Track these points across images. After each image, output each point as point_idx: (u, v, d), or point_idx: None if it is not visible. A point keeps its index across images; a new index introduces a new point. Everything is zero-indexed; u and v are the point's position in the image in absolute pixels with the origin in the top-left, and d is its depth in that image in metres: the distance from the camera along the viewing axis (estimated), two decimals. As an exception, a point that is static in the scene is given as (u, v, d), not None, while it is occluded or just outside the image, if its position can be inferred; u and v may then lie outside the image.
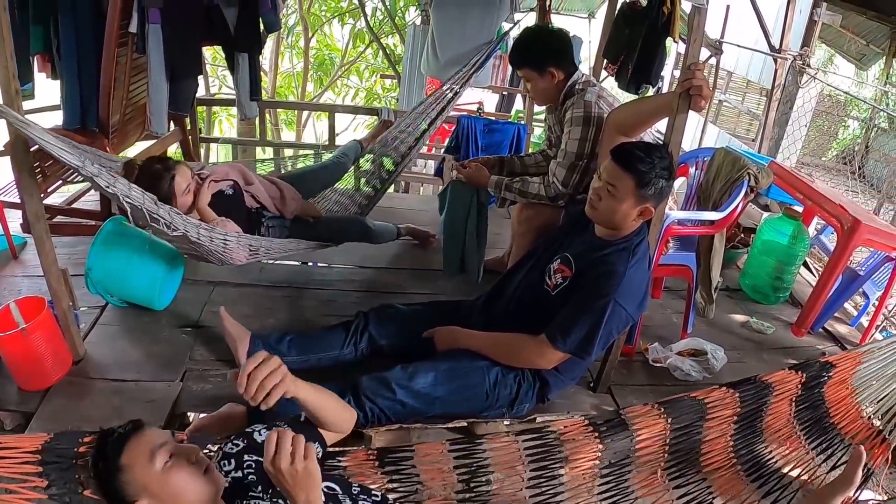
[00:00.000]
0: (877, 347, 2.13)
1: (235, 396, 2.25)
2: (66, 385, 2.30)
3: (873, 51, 6.20)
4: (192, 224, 2.32)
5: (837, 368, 2.10)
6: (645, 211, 2.15)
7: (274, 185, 3.15)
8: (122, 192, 2.03)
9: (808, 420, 2.06)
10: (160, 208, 2.14)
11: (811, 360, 2.15)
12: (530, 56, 2.77)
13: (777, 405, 2.04)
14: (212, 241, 2.41)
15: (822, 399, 2.08)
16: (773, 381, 2.05)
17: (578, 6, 9.73)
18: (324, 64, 10.51)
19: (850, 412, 2.05)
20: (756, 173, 2.99)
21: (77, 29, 3.05)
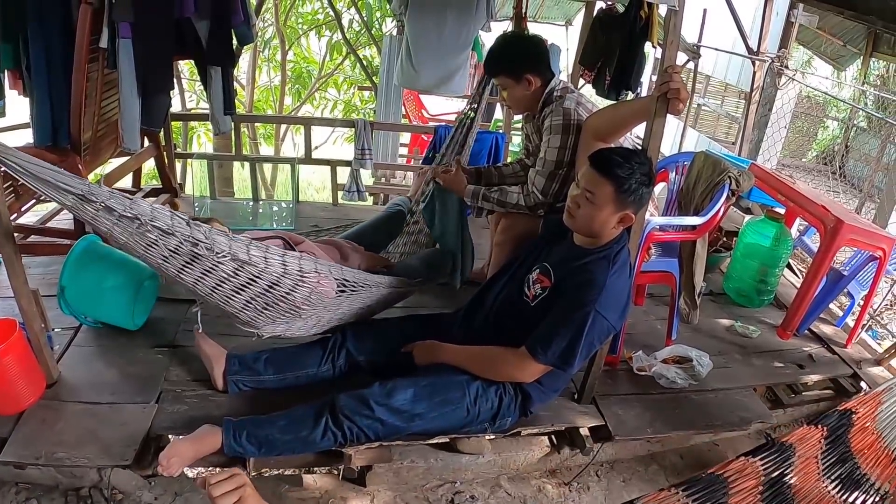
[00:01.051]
0: (894, 384, 2.08)
1: (212, 418, 2.21)
2: (40, 409, 2.24)
3: (850, 51, 6.23)
4: (240, 242, 1.90)
5: (858, 414, 2.05)
6: (625, 218, 2.12)
7: (329, 245, 2.86)
8: (144, 213, 1.70)
9: (839, 475, 1.98)
10: (195, 228, 1.79)
11: (829, 412, 2.09)
12: (506, 63, 2.74)
13: (803, 466, 1.96)
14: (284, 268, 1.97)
15: (849, 449, 2.01)
16: (793, 440, 1.98)
17: (555, 14, 9.78)
18: (301, 77, 10.45)
19: (881, 458, 1.99)
20: (737, 176, 2.98)
21: (46, 45, 2.99)
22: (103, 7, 2.90)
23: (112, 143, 3.59)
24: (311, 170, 5.03)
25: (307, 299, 2.13)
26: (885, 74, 9.79)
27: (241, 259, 1.86)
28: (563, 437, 2.53)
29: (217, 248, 1.80)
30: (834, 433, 2.02)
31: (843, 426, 2.03)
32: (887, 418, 2.05)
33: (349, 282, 2.26)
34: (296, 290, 2.06)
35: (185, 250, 1.81)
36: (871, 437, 2.03)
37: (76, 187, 1.63)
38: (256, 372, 2.38)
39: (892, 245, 3.22)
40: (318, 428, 2.07)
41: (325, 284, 2.14)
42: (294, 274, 1.99)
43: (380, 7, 8.60)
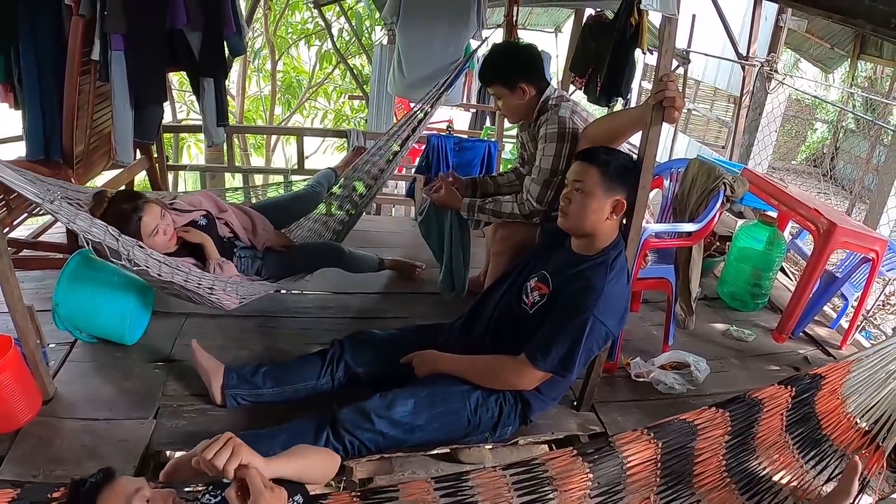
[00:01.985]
0: (865, 356, 2.13)
1: (211, 432, 2.19)
2: (37, 426, 2.22)
3: (838, 53, 6.29)
4: (154, 260, 2.27)
5: (827, 379, 2.10)
6: (618, 205, 2.15)
7: (246, 215, 3.10)
8: (83, 228, 1.99)
9: (800, 433, 2.04)
10: (120, 243, 2.10)
11: (800, 374, 2.14)
12: (500, 72, 2.75)
13: (768, 421, 2.02)
14: (186, 281, 2.36)
15: (813, 411, 2.07)
16: (762, 397, 2.04)
17: (545, 21, 9.82)
18: (291, 87, 10.47)
19: (842, 422, 2.04)
20: (731, 182, 2.99)
21: (38, 58, 2.99)
22: (95, 19, 2.90)
23: (104, 155, 3.58)
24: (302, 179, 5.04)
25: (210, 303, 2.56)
26: (872, 76, 9.87)
27: (152, 274, 2.25)
28: (563, 445, 2.51)
29: (134, 262, 2.16)
30: (801, 394, 2.08)
31: (811, 389, 2.09)
32: (853, 386, 2.10)
33: (247, 297, 2.68)
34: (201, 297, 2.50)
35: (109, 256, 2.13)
36: (835, 402, 2.08)
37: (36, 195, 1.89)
38: (255, 385, 2.37)
39: (885, 247, 3.24)
40: (319, 442, 2.05)
41: (227, 299, 2.55)
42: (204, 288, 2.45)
43: (369, 16, 8.62)
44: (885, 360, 2.07)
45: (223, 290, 2.53)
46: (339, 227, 3.54)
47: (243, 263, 2.92)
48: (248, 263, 2.95)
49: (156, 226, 2.56)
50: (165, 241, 2.61)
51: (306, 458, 1.60)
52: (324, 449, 1.87)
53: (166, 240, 2.62)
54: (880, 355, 2.08)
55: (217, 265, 2.70)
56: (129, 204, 2.55)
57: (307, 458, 1.61)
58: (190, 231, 2.75)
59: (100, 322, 2.64)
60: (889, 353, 2.07)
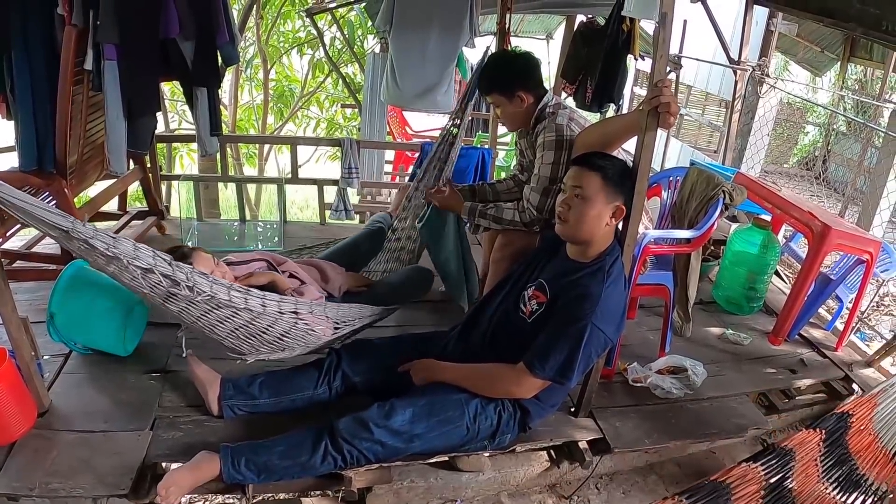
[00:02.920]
0: (889, 385, 2.11)
1: (208, 443, 2.19)
2: (32, 438, 2.20)
3: (828, 56, 6.32)
4: (221, 285, 1.98)
5: (854, 416, 2.08)
6: (617, 211, 2.15)
7: (310, 266, 2.94)
8: (127, 253, 1.77)
9: (838, 477, 2.01)
10: (176, 269, 1.86)
11: (826, 415, 2.11)
12: (498, 81, 2.77)
13: (803, 468, 1.99)
14: (265, 305, 2.08)
15: (847, 451, 2.03)
16: (792, 445, 2.01)
17: (536, 28, 9.84)
18: (283, 95, 10.43)
19: (879, 458, 2.01)
20: (731, 191, 3.01)
21: (31, 68, 2.98)
22: (88, 29, 2.89)
23: (98, 165, 3.56)
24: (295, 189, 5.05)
25: (302, 337, 2.30)
26: (862, 79, 9.92)
27: (220, 300, 1.97)
28: (561, 452, 2.52)
29: (198, 290, 1.89)
30: (832, 436, 2.04)
31: (840, 429, 2.06)
32: (883, 419, 2.07)
33: (342, 321, 2.44)
34: (290, 332, 2.24)
35: (165, 288, 1.88)
36: (868, 438, 2.05)
37: (61, 224, 1.68)
38: (252, 396, 2.35)
39: (878, 248, 3.26)
40: (318, 452, 2.05)
41: (320, 324, 2.34)
42: (288, 313, 2.16)
43: (362, 25, 8.62)
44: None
45: (310, 311, 2.28)
46: (411, 255, 3.41)
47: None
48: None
49: (211, 272, 2.34)
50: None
51: None
52: None
53: None
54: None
55: (293, 292, 2.53)
56: (175, 253, 2.22)
57: None
58: (254, 275, 2.57)
59: (95, 333, 2.63)
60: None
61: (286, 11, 9.38)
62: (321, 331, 2.37)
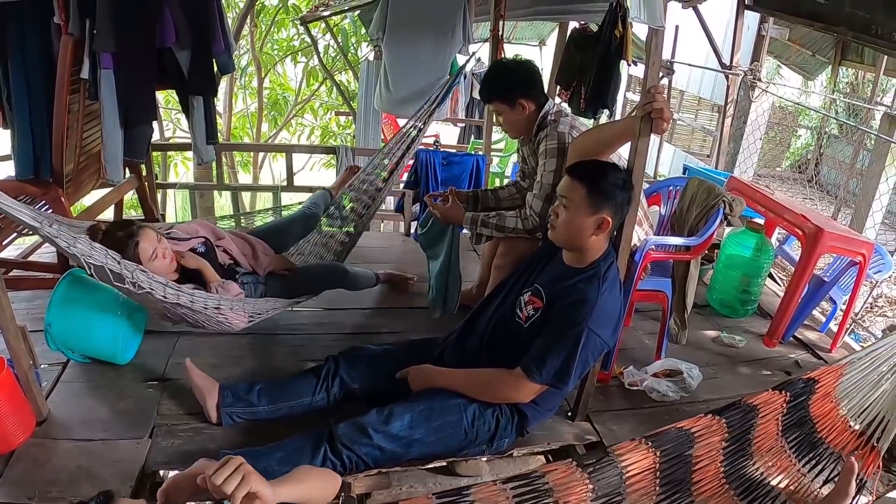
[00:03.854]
0: (856, 358, 2.14)
1: (207, 451, 2.19)
2: (31, 447, 2.20)
3: (820, 60, 6.36)
4: (158, 282, 2.26)
5: (820, 383, 2.11)
6: (602, 223, 2.14)
7: (245, 242, 3.09)
8: (83, 251, 1.99)
9: (796, 437, 2.05)
10: (124, 267, 2.10)
11: (794, 379, 2.15)
12: (499, 89, 2.78)
13: (764, 426, 2.03)
14: (192, 303, 2.36)
15: (808, 415, 2.08)
16: (758, 402, 2.04)
17: (529, 34, 9.89)
18: (278, 103, 10.47)
19: (837, 424, 2.05)
20: (731, 201, 3.03)
21: (27, 77, 2.99)
22: (84, 37, 2.90)
23: (94, 174, 3.57)
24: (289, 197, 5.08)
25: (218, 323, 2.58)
26: (854, 82, 9.98)
27: (156, 295, 2.25)
28: (559, 455, 2.52)
29: (139, 285, 2.17)
30: (796, 399, 2.08)
31: (805, 393, 2.10)
32: (846, 389, 2.11)
33: (256, 314, 2.70)
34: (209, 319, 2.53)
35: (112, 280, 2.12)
36: (829, 405, 2.09)
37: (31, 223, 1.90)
38: (250, 403, 2.36)
39: (871, 250, 3.28)
40: (317, 458, 2.05)
41: (237, 318, 2.59)
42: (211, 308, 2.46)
43: (355, 33, 8.65)
44: (876, 363, 2.08)
45: (230, 308, 2.53)
46: (340, 247, 3.50)
47: (247, 289, 2.88)
48: (251, 289, 2.93)
49: (154, 249, 2.54)
50: (166, 264, 2.59)
51: (310, 482, 1.60)
52: (325, 470, 1.87)
53: (166, 263, 2.60)
54: (871, 357, 2.10)
55: (218, 286, 2.68)
56: (124, 231, 2.53)
57: (310, 481, 1.61)
58: (186, 256, 2.73)
59: (92, 342, 2.63)
60: (880, 355, 2.09)
61: (280, 20, 9.42)
62: (236, 323, 2.60)
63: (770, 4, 4.95)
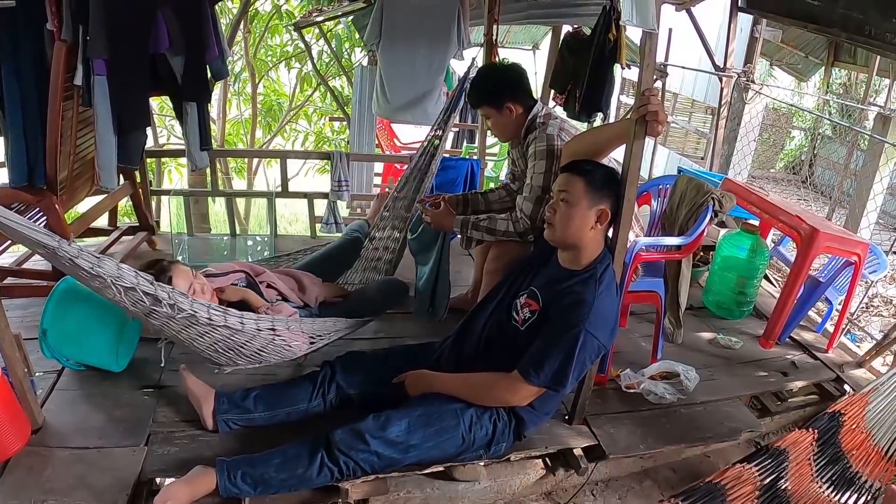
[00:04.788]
0: (879, 384, 2.13)
1: (204, 458, 2.19)
2: (26, 456, 2.18)
3: (813, 61, 6.38)
4: (200, 304, 2.06)
5: (846, 415, 2.09)
6: (602, 215, 2.17)
7: (288, 276, 2.99)
8: (110, 273, 1.83)
9: (831, 476, 2.03)
10: (158, 288, 1.93)
11: (818, 415, 2.12)
12: (486, 94, 2.79)
13: (797, 469, 2.00)
14: (242, 324, 2.16)
15: (840, 450, 2.05)
16: (785, 445, 2.02)
17: (523, 39, 9.90)
18: (272, 109, 10.46)
19: (872, 456, 2.03)
20: (720, 198, 3.03)
21: (21, 84, 2.97)
22: (78, 44, 2.89)
23: (88, 181, 3.55)
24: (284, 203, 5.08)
25: (279, 351, 2.37)
26: (847, 82, 10.02)
27: (200, 318, 2.04)
28: (557, 459, 2.52)
29: (178, 308, 1.96)
30: (824, 435, 2.06)
31: (832, 428, 2.07)
32: (875, 417, 2.09)
33: (317, 335, 2.51)
34: (266, 347, 2.30)
35: (147, 304, 1.93)
36: (860, 437, 2.07)
37: (47, 243, 1.73)
38: (246, 410, 2.35)
39: (866, 250, 3.29)
40: (314, 464, 2.05)
41: (297, 339, 2.41)
42: (265, 330, 2.23)
43: (349, 38, 8.65)
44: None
45: (287, 327, 2.34)
46: (387, 265, 3.40)
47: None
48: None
49: (189, 284, 2.44)
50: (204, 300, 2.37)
51: None
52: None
53: (205, 299, 2.42)
54: (894, 382, 2.08)
55: (267, 310, 2.54)
56: (154, 268, 2.41)
57: None
58: (227, 289, 2.61)
59: (87, 349, 2.61)
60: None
61: (274, 25, 9.41)
62: (297, 346, 2.43)
63: (763, 6, 4.95)
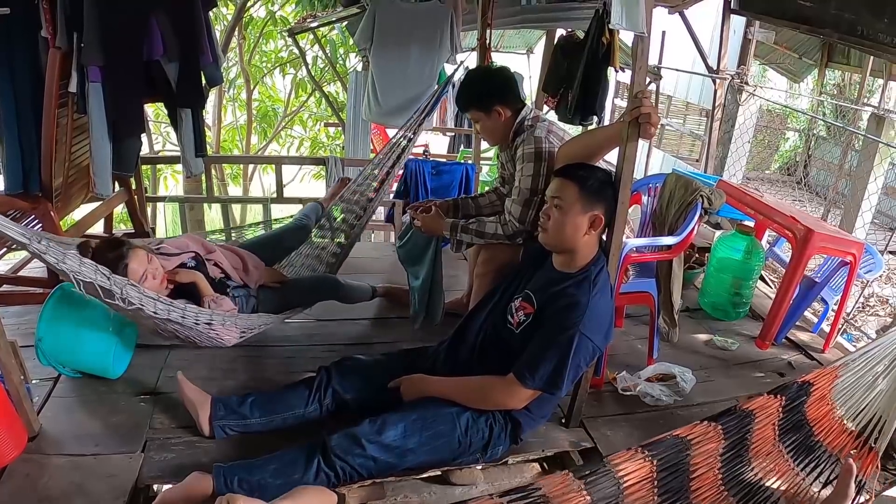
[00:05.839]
0: (850, 359, 2.14)
1: (200, 464, 2.18)
2: (23, 463, 2.18)
3: (806, 63, 6.41)
4: (148, 297, 2.20)
5: (815, 386, 2.11)
6: (595, 220, 2.18)
7: (235, 255, 3.06)
8: (72, 268, 1.96)
9: (793, 441, 2.05)
10: (113, 283, 2.05)
11: (789, 383, 2.15)
12: (474, 97, 2.78)
13: (761, 431, 2.02)
14: (183, 318, 2.31)
15: (805, 418, 2.08)
16: (753, 408, 2.04)
17: (517, 43, 9.93)
18: (267, 115, 10.48)
19: (834, 427, 2.06)
20: (709, 195, 3.04)
21: (15, 91, 2.98)
22: (72, 51, 2.90)
23: (83, 188, 3.56)
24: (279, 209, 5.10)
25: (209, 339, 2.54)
26: (841, 83, 10.05)
27: (147, 311, 2.19)
28: (554, 462, 2.52)
29: (129, 301, 2.10)
30: (792, 402, 2.08)
31: (800, 397, 2.10)
32: (841, 391, 2.11)
33: (249, 329, 2.67)
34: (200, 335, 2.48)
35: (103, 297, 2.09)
36: (825, 408, 2.09)
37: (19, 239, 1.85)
38: (243, 415, 2.35)
39: (862, 249, 3.29)
40: (311, 469, 2.04)
41: (229, 334, 2.56)
42: (202, 324, 2.40)
43: (343, 43, 8.66)
44: (870, 363, 2.09)
45: (222, 324, 2.49)
46: (333, 259, 3.47)
47: (238, 303, 2.84)
48: (243, 302, 2.88)
49: (144, 271, 2.52)
50: (156, 285, 2.55)
51: (306, 501, 1.59)
52: (320, 488, 1.87)
53: (157, 284, 2.56)
54: (865, 358, 2.10)
55: (212, 301, 2.65)
56: (113, 252, 2.49)
57: (307, 500, 1.60)
58: (179, 272, 2.71)
59: (83, 356, 2.61)
60: (874, 355, 2.09)
61: (268, 31, 9.44)
62: (227, 339, 2.58)
63: (756, 8, 4.98)
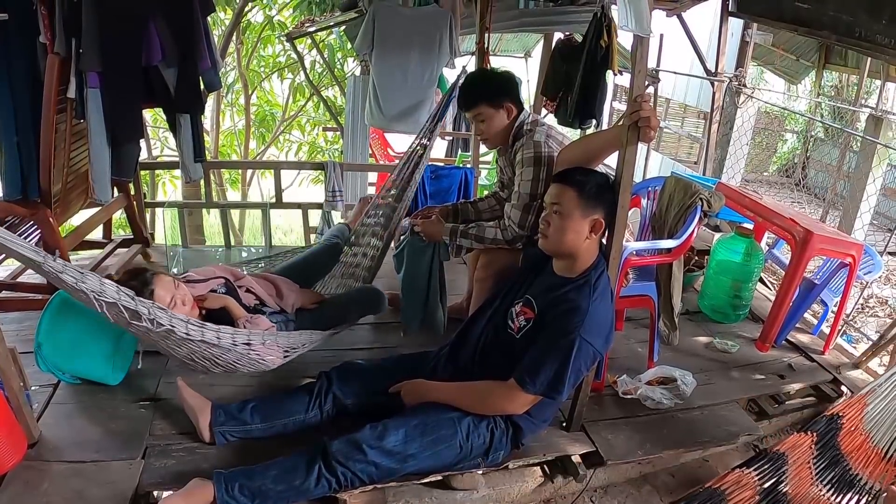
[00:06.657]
0: (877, 385, 2.12)
1: (201, 470, 2.18)
2: (23, 470, 2.17)
3: (804, 64, 6.42)
4: (178, 319, 2.07)
5: (845, 417, 2.09)
6: (596, 224, 2.18)
7: (266, 281, 2.97)
8: (93, 288, 1.85)
9: (831, 479, 2.02)
10: (139, 304, 1.94)
11: (817, 418, 2.12)
12: (486, 92, 2.76)
13: (796, 472, 1.99)
14: (219, 338, 2.18)
15: (839, 452, 2.04)
16: (784, 449, 2.02)
17: (514, 47, 9.93)
18: (265, 120, 10.46)
19: (872, 457, 2.02)
20: (708, 198, 3.04)
21: (14, 97, 2.98)
22: (70, 57, 2.90)
23: (82, 194, 3.55)
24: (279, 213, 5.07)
25: (252, 364, 2.36)
26: (838, 85, 10.06)
27: (178, 333, 2.05)
28: (555, 466, 2.52)
29: (157, 322, 1.98)
30: (823, 438, 2.05)
31: (831, 430, 2.07)
32: (874, 419, 2.08)
33: (292, 348, 2.53)
34: (241, 360, 2.31)
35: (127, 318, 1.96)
36: (859, 439, 2.06)
37: (33, 258, 1.75)
38: (243, 421, 2.34)
39: (861, 251, 3.30)
40: (312, 475, 2.04)
41: (271, 354, 2.41)
42: (241, 345, 2.25)
43: (341, 48, 8.66)
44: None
45: (262, 342, 2.37)
46: (367, 273, 3.37)
47: (278, 328, 2.71)
48: (281, 328, 2.73)
49: (171, 297, 2.41)
50: (186, 311, 2.42)
51: None
52: None
53: (186, 310, 2.42)
54: (892, 382, 2.08)
55: (246, 321, 2.55)
56: (137, 280, 2.39)
57: None
58: (208, 296, 2.61)
59: (83, 363, 2.61)
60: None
61: (266, 36, 9.43)
62: (271, 360, 2.43)
63: (753, 10, 4.98)
